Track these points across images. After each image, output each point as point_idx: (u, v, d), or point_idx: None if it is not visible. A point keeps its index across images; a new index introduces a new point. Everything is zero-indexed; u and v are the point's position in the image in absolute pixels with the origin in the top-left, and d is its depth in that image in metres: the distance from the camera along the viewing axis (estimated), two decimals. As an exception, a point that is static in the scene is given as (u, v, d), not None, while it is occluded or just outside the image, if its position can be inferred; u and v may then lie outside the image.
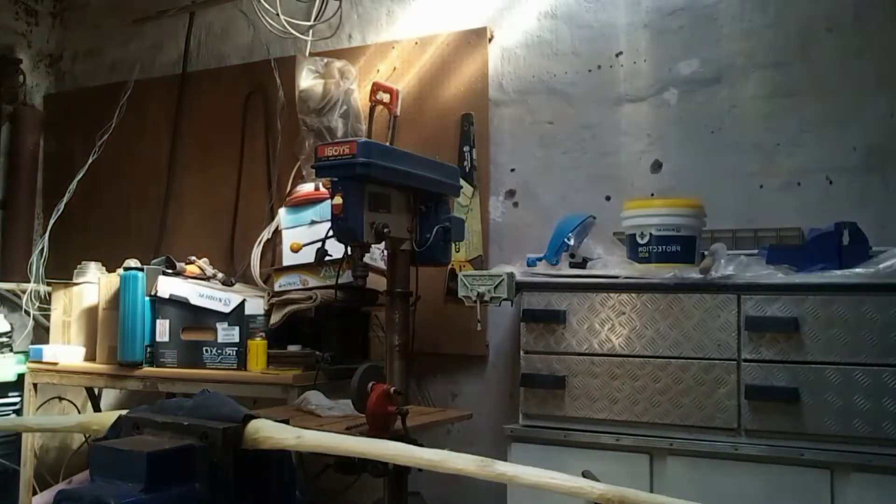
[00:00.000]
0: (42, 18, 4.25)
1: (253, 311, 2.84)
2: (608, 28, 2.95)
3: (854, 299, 2.07)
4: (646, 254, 2.39)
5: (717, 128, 2.77)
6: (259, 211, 3.50)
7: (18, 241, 3.98)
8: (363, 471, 1.94)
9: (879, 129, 2.57)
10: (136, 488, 0.82)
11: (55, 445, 3.86)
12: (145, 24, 3.95)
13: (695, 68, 2.82)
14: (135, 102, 3.87)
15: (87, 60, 4.21)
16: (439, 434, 3.03)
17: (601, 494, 0.81)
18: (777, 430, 2.13)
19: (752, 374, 2.16)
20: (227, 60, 3.77)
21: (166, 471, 0.85)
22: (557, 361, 2.39)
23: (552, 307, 2.41)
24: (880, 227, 2.48)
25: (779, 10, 2.71)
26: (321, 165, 1.96)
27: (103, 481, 0.84)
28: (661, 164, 2.85)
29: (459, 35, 3.17)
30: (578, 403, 2.35)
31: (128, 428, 0.92)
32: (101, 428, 0.98)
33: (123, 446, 0.87)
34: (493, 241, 3.08)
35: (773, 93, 2.71)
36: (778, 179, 2.68)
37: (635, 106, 2.90)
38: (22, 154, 4.02)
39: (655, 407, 2.26)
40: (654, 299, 2.29)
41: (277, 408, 2.51)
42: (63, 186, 3.83)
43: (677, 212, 2.39)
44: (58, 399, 3.75)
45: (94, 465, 0.87)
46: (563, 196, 2.98)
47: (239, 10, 3.72)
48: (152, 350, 2.91)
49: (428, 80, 3.20)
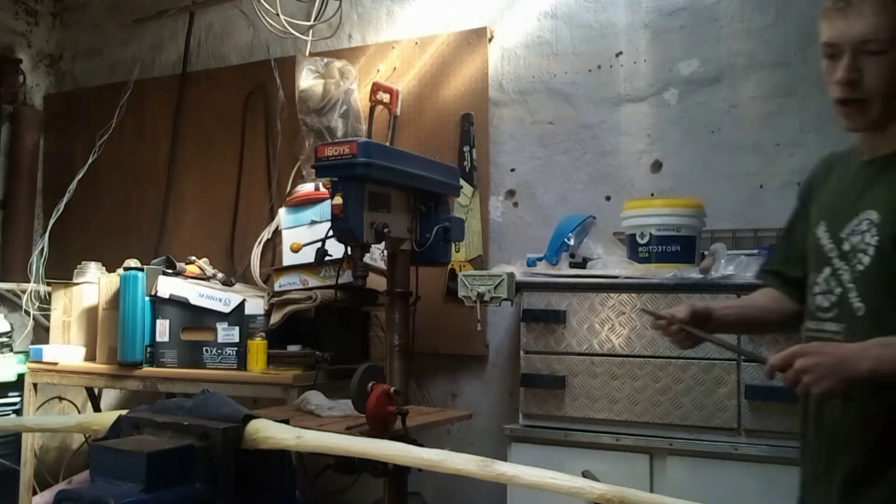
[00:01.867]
0: (42, 18, 4.24)
1: (253, 311, 2.84)
2: (608, 28, 2.95)
3: (854, 299, 2.07)
4: (646, 254, 2.39)
5: (717, 128, 2.77)
6: (259, 211, 3.50)
7: (18, 241, 3.97)
8: (363, 471, 1.94)
9: (879, 129, 2.56)
10: (136, 488, 0.82)
11: (55, 445, 3.86)
12: (145, 24, 3.95)
13: (695, 68, 2.82)
14: (135, 102, 3.87)
15: (87, 60, 4.21)
16: (439, 434, 3.03)
17: (601, 494, 0.81)
18: (777, 430, 2.13)
19: (752, 374, 2.16)
20: (227, 60, 3.76)
21: (166, 471, 0.85)
22: (557, 361, 2.39)
23: (552, 307, 2.41)
24: (880, 227, 2.48)
25: (779, 10, 2.71)
26: (321, 165, 1.96)
27: (103, 481, 0.84)
28: (661, 164, 2.85)
29: (459, 35, 3.16)
30: (578, 403, 2.35)
31: (128, 428, 0.92)
32: (101, 428, 0.98)
33: (123, 446, 0.87)
34: (493, 241, 3.08)
35: (773, 93, 2.70)
36: (778, 179, 2.68)
37: (635, 106, 2.90)
38: (22, 154, 4.01)
39: (655, 407, 2.26)
40: (654, 299, 2.29)
41: (277, 408, 2.51)
42: (63, 186, 3.83)
43: (677, 212, 2.39)
44: (58, 399, 3.75)
45: (94, 465, 0.87)
46: (563, 196, 2.98)
47: (239, 10, 3.72)
48: (152, 350, 2.91)
49: (428, 80, 3.20)
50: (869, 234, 1.39)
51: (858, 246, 1.41)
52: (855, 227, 1.42)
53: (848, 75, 1.38)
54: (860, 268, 1.40)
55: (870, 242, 1.38)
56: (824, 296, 1.46)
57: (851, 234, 1.42)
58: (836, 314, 1.43)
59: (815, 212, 1.56)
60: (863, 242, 1.40)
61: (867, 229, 1.39)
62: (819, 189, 1.59)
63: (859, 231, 1.41)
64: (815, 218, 1.54)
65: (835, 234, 1.46)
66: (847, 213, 1.45)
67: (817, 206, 1.56)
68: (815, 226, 1.52)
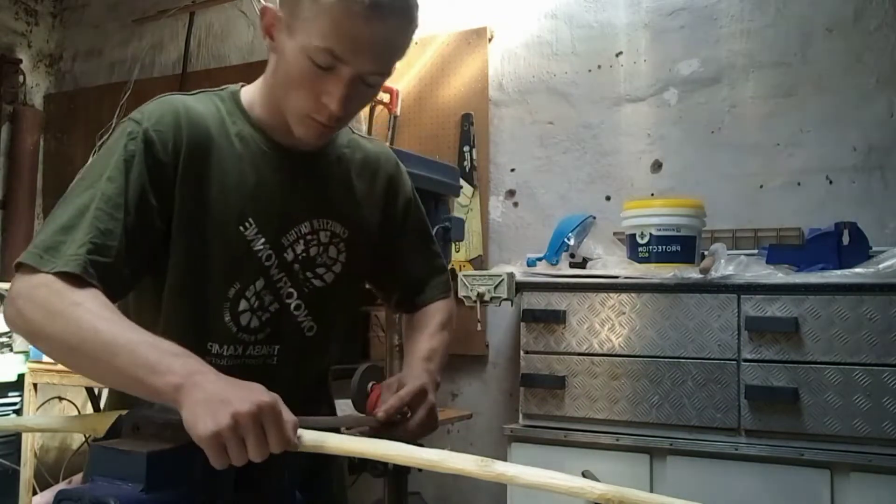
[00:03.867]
0: (42, 18, 4.24)
1: (253, 311, 2.84)
2: (608, 28, 2.95)
3: (854, 299, 2.07)
4: (646, 254, 2.39)
5: (717, 128, 2.77)
6: (259, 211, 3.49)
7: (18, 241, 3.97)
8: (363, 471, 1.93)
9: (879, 129, 2.57)
10: (136, 488, 0.82)
11: (55, 445, 3.86)
12: (145, 24, 3.95)
13: (695, 68, 2.82)
14: (135, 102, 3.81)
15: (87, 60, 4.21)
16: (439, 434, 3.03)
17: (601, 494, 0.81)
18: (777, 430, 2.13)
19: (752, 374, 2.16)
20: (227, 60, 3.76)
21: (166, 471, 0.85)
22: (557, 361, 2.39)
23: (552, 307, 2.41)
24: (880, 227, 2.48)
25: (779, 10, 2.71)
26: (321, 165, 1.95)
27: (103, 481, 0.84)
28: (661, 164, 2.85)
29: (459, 35, 3.16)
30: (578, 403, 2.35)
31: (128, 428, 0.92)
32: (101, 428, 0.98)
33: (123, 446, 0.87)
34: (493, 241, 3.08)
35: (773, 93, 2.70)
36: (778, 179, 2.68)
37: (635, 106, 2.90)
38: (22, 154, 4.01)
39: (655, 407, 2.26)
40: (655, 299, 2.29)
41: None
42: (63, 186, 3.78)
43: (677, 212, 2.39)
44: (58, 399, 3.74)
45: (94, 465, 0.86)
46: (563, 196, 2.98)
47: (239, 10, 3.72)
48: (152, 350, 2.91)
49: (428, 80, 3.20)
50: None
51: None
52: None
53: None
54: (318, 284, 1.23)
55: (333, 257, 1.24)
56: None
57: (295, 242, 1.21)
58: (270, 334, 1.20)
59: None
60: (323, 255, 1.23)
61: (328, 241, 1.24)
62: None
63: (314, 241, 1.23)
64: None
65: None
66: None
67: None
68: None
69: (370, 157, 1.33)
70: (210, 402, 0.85)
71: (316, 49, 1.05)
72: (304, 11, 1.06)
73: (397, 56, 1.13)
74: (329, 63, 1.06)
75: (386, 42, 1.08)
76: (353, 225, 1.27)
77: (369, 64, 1.08)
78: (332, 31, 1.04)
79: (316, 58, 1.06)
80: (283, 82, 1.13)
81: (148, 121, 1.11)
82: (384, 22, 1.05)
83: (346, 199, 1.27)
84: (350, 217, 1.26)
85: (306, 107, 1.10)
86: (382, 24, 1.05)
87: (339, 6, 1.03)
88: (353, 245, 1.26)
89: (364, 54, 1.06)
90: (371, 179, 1.32)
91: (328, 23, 1.04)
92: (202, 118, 1.15)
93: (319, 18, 1.04)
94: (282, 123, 1.16)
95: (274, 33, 1.14)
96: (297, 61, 1.08)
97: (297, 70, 1.08)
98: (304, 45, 1.06)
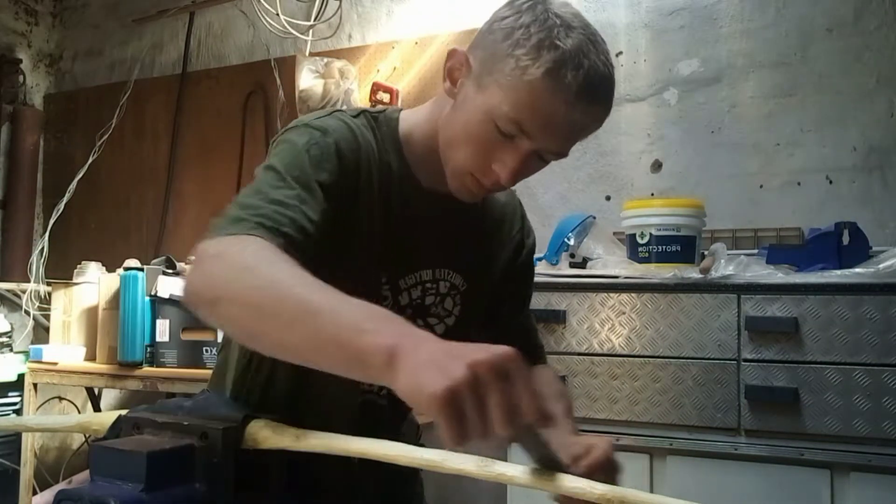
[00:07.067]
0: (42, 18, 4.24)
1: (253, 311, 2.84)
2: (608, 28, 2.95)
3: (854, 299, 2.07)
4: (646, 254, 2.39)
5: (717, 128, 2.77)
6: (259, 211, 3.49)
7: (18, 241, 3.97)
8: (363, 471, 1.93)
9: (879, 129, 2.57)
10: (136, 488, 0.82)
11: (55, 445, 3.86)
12: (145, 24, 3.95)
13: (695, 68, 2.82)
14: (135, 102, 3.87)
15: (87, 60, 4.21)
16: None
17: (601, 495, 0.81)
18: (777, 430, 2.13)
19: (752, 374, 2.16)
20: (227, 60, 3.77)
21: (166, 471, 0.85)
22: (557, 361, 2.39)
23: (552, 307, 2.41)
24: (880, 227, 2.48)
25: (779, 10, 2.71)
26: (321, 165, 1.95)
27: (103, 481, 0.84)
28: (661, 164, 2.85)
29: (459, 35, 3.16)
30: (578, 403, 2.35)
31: (128, 428, 0.92)
32: (101, 428, 0.97)
33: (123, 446, 0.87)
34: (493, 241, 3.07)
35: (773, 93, 2.71)
36: (778, 179, 2.68)
37: (635, 106, 2.90)
38: (22, 154, 4.01)
39: (655, 407, 2.26)
40: (654, 299, 2.29)
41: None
42: (63, 186, 3.83)
43: (677, 212, 2.39)
44: (58, 399, 3.75)
45: (94, 465, 0.86)
46: (563, 196, 2.98)
47: (239, 10, 3.72)
48: (152, 350, 2.91)
49: (428, 80, 3.20)
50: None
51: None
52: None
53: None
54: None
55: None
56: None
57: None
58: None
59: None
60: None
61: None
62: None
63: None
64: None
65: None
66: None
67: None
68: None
69: (506, 209, 1.30)
70: (435, 359, 0.70)
71: (505, 116, 0.99)
72: (502, 73, 0.99)
73: (582, 139, 1.09)
74: (512, 132, 1.01)
75: (581, 128, 1.04)
76: (473, 278, 1.22)
77: (555, 145, 1.04)
78: (529, 105, 0.98)
79: (501, 124, 1.00)
80: (455, 135, 1.07)
81: (332, 134, 1.08)
82: (586, 108, 1.01)
83: (474, 250, 1.23)
84: (473, 270, 1.22)
85: (473, 166, 1.05)
86: (584, 110, 1.00)
87: (546, 83, 0.97)
88: (469, 298, 1.22)
89: (554, 135, 1.02)
90: (500, 230, 1.29)
91: (527, 95, 0.98)
92: (367, 143, 1.12)
93: (519, 87, 0.98)
94: (434, 167, 1.12)
95: (457, 78, 1.07)
96: (479, 120, 1.02)
97: (476, 129, 1.03)
98: (492, 107, 1.00)
